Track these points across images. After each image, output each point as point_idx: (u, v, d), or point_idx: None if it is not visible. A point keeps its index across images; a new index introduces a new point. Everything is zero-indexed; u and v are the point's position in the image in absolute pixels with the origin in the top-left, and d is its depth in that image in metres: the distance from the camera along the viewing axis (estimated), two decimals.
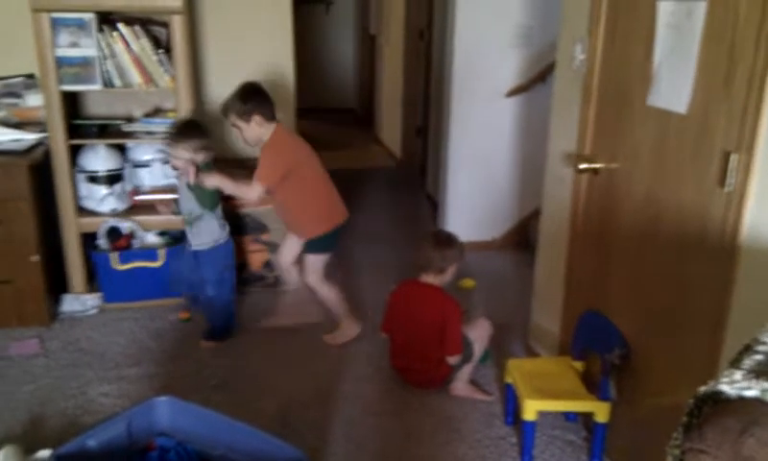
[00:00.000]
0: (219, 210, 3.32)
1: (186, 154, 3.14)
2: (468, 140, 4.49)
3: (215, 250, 3.32)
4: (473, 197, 4.60)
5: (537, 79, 4.36)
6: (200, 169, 3.15)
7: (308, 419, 2.83)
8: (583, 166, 2.63)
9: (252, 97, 3.14)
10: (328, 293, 3.41)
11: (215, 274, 3.33)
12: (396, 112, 6.93)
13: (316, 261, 3.34)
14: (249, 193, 3.20)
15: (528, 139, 4.50)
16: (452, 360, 2.93)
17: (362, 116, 8.94)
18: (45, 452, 2.42)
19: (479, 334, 3.00)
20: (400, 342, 3.06)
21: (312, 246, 3.33)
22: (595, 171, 2.62)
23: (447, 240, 3.08)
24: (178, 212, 3.39)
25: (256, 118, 3.11)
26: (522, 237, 4.67)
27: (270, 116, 3.16)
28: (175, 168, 3.26)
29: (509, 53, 4.35)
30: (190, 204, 3.25)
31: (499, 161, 4.56)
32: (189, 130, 3.23)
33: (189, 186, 3.17)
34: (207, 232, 3.30)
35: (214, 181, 3.15)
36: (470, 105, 4.41)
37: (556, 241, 3.01)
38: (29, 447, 2.49)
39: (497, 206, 4.65)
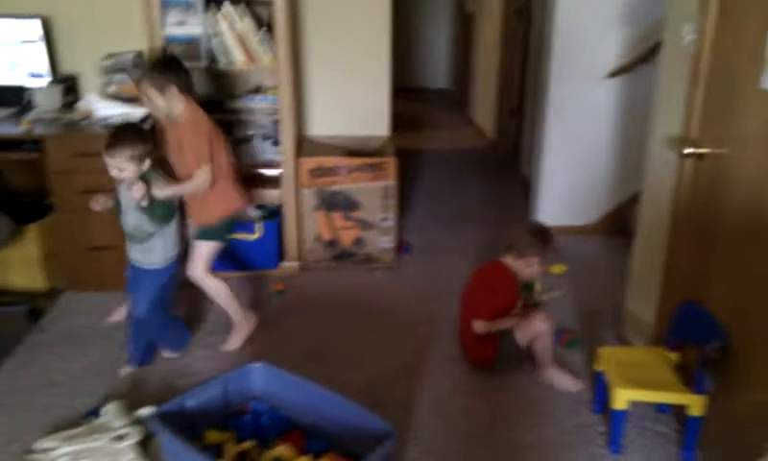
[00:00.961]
0: (174, 222, 2.94)
1: (127, 163, 2.73)
2: (564, 122, 4.40)
3: (165, 269, 2.94)
4: (568, 180, 4.51)
5: (640, 59, 4.21)
6: (148, 183, 2.78)
7: (395, 394, 2.87)
8: (688, 151, 2.53)
9: (172, 68, 2.90)
10: (216, 286, 3.14)
11: (153, 293, 2.93)
12: (490, 93, 6.85)
13: (208, 249, 3.09)
14: (201, 183, 2.91)
15: (628, 122, 4.36)
16: (477, 326, 2.96)
17: (455, 96, 8.89)
18: (147, 410, 2.57)
19: (532, 333, 2.93)
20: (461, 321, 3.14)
21: (209, 233, 3.09)
22: (701, 156, 2.52)
23: (541, 230, 3.11)
24: (116, 211, 2.91)
25: (173, 90, 2.86)
26: (618, 223, 4.54)
27: (184, 88, 2.92)
28: (119, 179, 2.79)
29: (611, 32, 4.22)
30: (139, 220, 2.85)
31: (596, 144, 4.45)
32: (130, 135, 2.79)
33: (141, 207, 2.78)
34: (161, 251, 2.90)
35: (166, 192, 2.82)
36: (569, 85, 4.32)
37: (655, 228, 2.92)
38: (132, 404, 2.64)
39: (593, 191, 4.54)
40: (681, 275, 2.74)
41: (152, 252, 2.89)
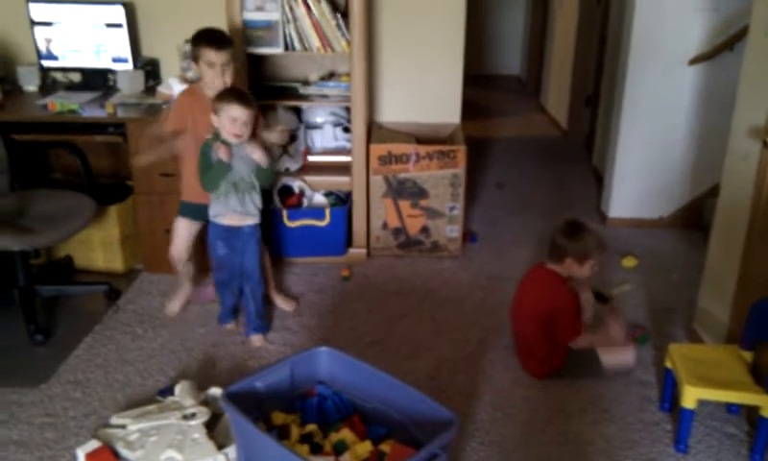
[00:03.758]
0: None
1: (252, 118, 2.93)
2: (641, 110, 4.28)
3: (258, 228, 3.10)
4: (642, 171, 4.39)
5: (724, 46, 4.05)
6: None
7: (457, 383, 2.88)
8: None
9: None
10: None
11: (258, 254, 3.12)
12: (564, 81, 6.72)
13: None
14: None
15: (708, 111, 4.21)
16: (578, 343, 2.86)
17: (527, 84, 8.75)
18: (216, 390, 2.65)
19: (620, 366, 2.87)
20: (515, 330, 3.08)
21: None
22: None
23: (576, 230, 2.93)
24: (227, 170, 2.95)
25: None
26: (694, 217, 4.41)
27: None
28: (239, 135, 2.91)
29: (694, 18, 4.07)
30: (246, 170, 2.99)
31: (674, 134, 4.31)
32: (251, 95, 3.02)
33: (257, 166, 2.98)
34: (255, 205, 3.05)
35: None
36: (647, 73, 4.19)
37: (734, 222, 2.83)
38: (202, 383, 2.73)
39: (668, 183, 4.41)
40: (759, 271, 2.65)
41: (249, 205, 3.02)
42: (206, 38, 3.00)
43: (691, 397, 2.42)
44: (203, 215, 3.12)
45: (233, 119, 2.87)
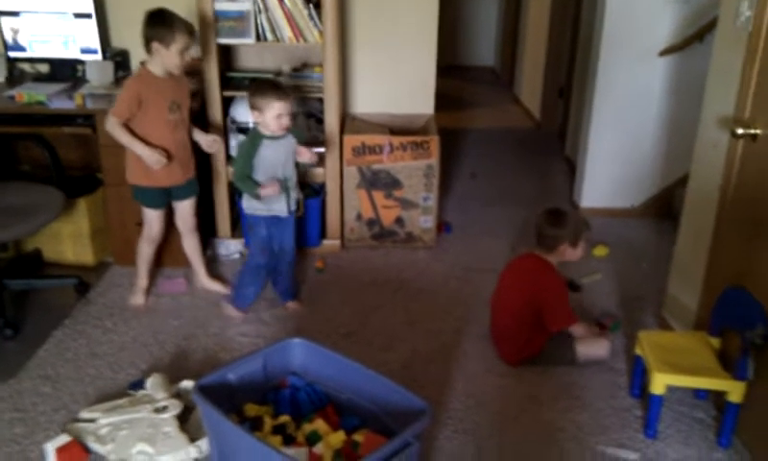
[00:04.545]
0: None
1: (290, 113, 3.06)
2: (612, 101, 4.32)
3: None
4: (614, 161, 4.43)
5: (694, 37, 4.09)
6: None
7: (431, 372, 2.89)
8: (740, 131, 2.46)
9: None
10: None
11: (294, 232, 3.28)
12: (537, 72, 6.76)
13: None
14: None
15: (678, 102, 4.26)
16: (576, 331, 2.90)
17: (501, 75, 8.78)
18: (188, 383, 2.63)
19: (594, 357, 2.91)
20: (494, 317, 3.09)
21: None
22: (754, 137, 2.44)
23: (560, 216, 2.98)
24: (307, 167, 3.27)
25: None
26: (665, 206, 4.46)
27: None
28: (284, 127, 3.05)
29: (665, 9, 4.11)
30: (292, 167, 3.17)
31: (645, 124, 4.36)
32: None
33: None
34: (297, 198, 3.24)
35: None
36: (619, 64, 4.23)
37: (702, 211, 2.86)
38: (173, 376, 2.71)
39: (639, 172, 4.46)
40: (726, 259, 2.69)
41: (293, 197, 3.17)
42: (182, 25, 3.03)
43: (660, 383, 2.45)
44: (167, 198, 3.29)
45: (278, 116, 2.99)
